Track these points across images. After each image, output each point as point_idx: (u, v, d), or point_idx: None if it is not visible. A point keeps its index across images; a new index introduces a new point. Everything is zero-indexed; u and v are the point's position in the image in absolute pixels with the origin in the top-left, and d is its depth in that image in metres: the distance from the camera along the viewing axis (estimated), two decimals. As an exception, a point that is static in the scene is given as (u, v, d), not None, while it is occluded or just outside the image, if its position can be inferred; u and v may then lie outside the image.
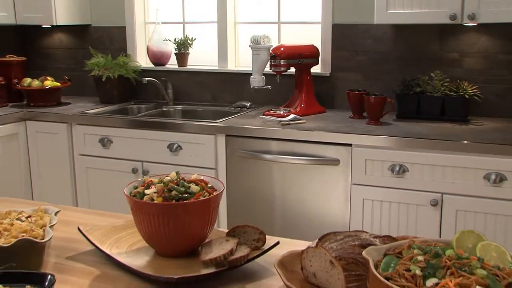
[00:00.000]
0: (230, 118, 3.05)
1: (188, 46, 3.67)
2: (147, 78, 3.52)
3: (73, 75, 3.91)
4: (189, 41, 3.66)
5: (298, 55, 3.05)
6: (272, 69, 3.05)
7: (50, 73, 3.90)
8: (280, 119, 2.90)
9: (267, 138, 2.81)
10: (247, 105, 3.37)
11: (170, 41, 3.70)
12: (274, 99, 3.37)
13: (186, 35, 3.71)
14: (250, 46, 3.05)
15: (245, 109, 3.34)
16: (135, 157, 3.13)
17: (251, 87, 3.13)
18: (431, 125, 2.79)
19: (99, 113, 3.35)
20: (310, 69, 3.15)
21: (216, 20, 3.56)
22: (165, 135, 3.04)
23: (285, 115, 2.95)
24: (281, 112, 3.01)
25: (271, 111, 3.05)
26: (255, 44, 3.01)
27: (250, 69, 3.15)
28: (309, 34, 3.37)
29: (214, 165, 2.93)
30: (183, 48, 3.66)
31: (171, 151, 3.02)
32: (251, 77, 3.10)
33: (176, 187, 1.24)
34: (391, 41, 3.14)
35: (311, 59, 3.13)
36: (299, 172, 2.76)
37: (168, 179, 1.28)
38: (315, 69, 3.23)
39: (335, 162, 2.69)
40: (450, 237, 1.02)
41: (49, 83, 3.60)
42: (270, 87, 3.14)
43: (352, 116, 3.00)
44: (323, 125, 2.82)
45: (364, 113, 2.95)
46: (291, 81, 3.21)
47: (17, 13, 3.71)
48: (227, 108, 3.41)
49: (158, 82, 3.59)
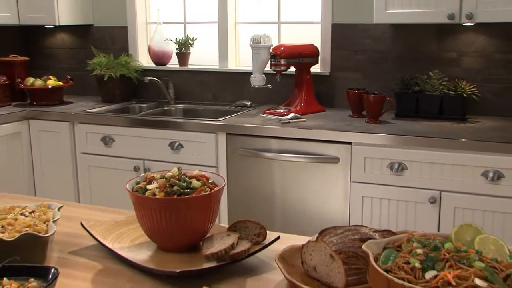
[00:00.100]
0: (230, 117, 3.05)
1: (189, 46, 3.67)
2: (148, 78, 3.52)
3: (75, 74, 3.91)
4: (190, 41, 3.66)
5: (298, 54, 3.05)
6: (272, 68, 3.05)
7: (53, 72, 3.91)
8: (280, 117, 2.90)
9: (268, 136, 2.81)
10: (248, 104, 3.37)
11: (171, 41, 3.70)
12: (274, 98, 3.38)
13: (187, 35, 3.71)
14: (250, 46, 3.05)
15: (246, 108, 3.34)
16: (136, 156, 3.13)
17: (252, 86, 3.14)
18: (429, 123, 2.79)
19: (101, 112, 3.35)
20: (310, 68, 3.15)
21: (217, 20, 3.56)
22: (166, 133, 3.04)
23: (285, 113, 2.95)
24: (281, 111, 3.01)
25: (271, 110, 3.05)
26: (256, 43, 3.01)
27: (250, 69, 3.15)
28: (309, 34, 3.37)
29: (215, 163, 2.94)
30: (184, 48, 3.66)
31: (172, 149, 3.02)
32: (252, 76, 3.10)
33: (177, 182, 1.24)
34: (390, 40, 3.14)
35: (311, 58, 3.13)
36: (299, 170, 2.76)
37: (169, 174, 1.28)
38: (315, 69, 3.23)
39: (334, 160, 2.69)
40: (449, 233, 1.02)
41: (52, 82, 3.60)
42: (270, 86, 3.14)
43: (351, 115, 3.01)
44: (323, 123, 2.83)
45: (363, 111, 2.95)
46: (291, 80, 3.22)
47: (20, 14, 3.71)
48: (227, 107, 3.41)
49: (160, 82, 3.59)
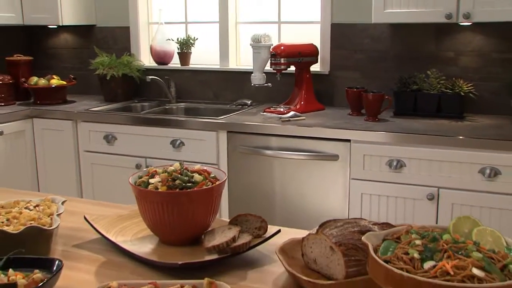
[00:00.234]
0: (231, 115, 3.05)
1: (191, 45, 3.67)
2: (150, 77, 3.52)
3: (78, 74, 3.91)
4: (191, 40, 3.67)
5: (298, 53, 3.05)
6: (273, 67, 3.05)
7: (56, 72, 3.91)
8: (280, 116, 2.90)
9: (268, 134, 2.81)
10: (248, 102, 3.37)
11: (173, 40, 3.70)
12: (274, 97, 3.38)
13: (189, 34, 3.71)
14: (251, 45, 3.05)
15: (246, 106, 3.34)
16: (138, 153, 3.13)
17: (252, 85, 3.13)
18: (427, 121, 2.79)
19: (103, 110, 3.35)
20: (310, 67, 3.15)
21: (217, 20, 3.57)
22: (168, 131, 3.04)
23: (285, 112, 2.96)
24: (281, 109, 3.01)
25: (271, 108, 3.06)
26: (256, 42, 3.01)
27: (251, 68, 3.15)
28: (309, 33, 3.37)
29: (215, 160, 2.94)
30: (185, 48, 3.66)
31: (174, 147, 3.02)
32: (252, 75, 3.10)
33: (179, 176, 1.24)
34: (388, 40, 3.14)
35: (310, 57, 3.13)
36: (299, 167, 2.76)
37: (172, 169, 1.28)
38: (315, 68, 3.23)
39: (334, 157, 2.69)
40: (447, 225, 1.02)
41: (55, 81, 3.60)
42: (270, 85, 3.14)
43: (350, 113, 3.01)
44: (322, 121, 2.83)
45: (362, 110, 2.95)
46: (291, 79, 3.22)
47: (24, 14, 3.71)
48: (228, 106, 3.41)
49: (161, 81, 3.59)
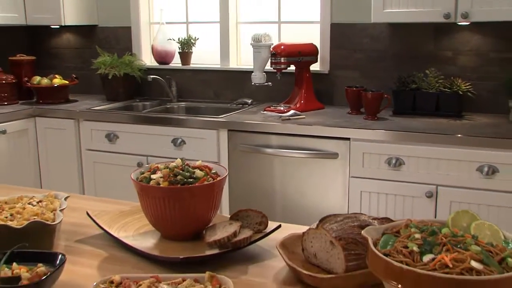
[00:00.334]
0: (232, 114, 3.05)
1: (192, 45, 3.67)
2: (151, 76, 3.53)
3: (80, 73, 3.91)
4: (192, 40, 3.67)
5: (298, 53, 3.05)
6: (273, 66, 3.05)
7: (59, 71, 3.91)
8: (280, 114, 2.91)
9: (268, 132, 2.81)
10: (249, 102, 3.37)
11: (174, 40, 3.70)
12: (275, 97, 3.38)
13: (190, 34, 3.71)
14: (251, 44, 3.05)
15: (247, 105, 3.34)
16: (140, 152, 3.13)
17: (253, 84, 3.13)
18: (426, 120, 2.79)
19: (105, 109, 3.36)
20: (310, 66, 3.15)
21: (218, 20, 3.57)
22: (169, 130, 3.04)
23: (285, 111, 2.96)
24: (282, 108, 3.01)
25: (271, 107, 3.06)
26: (256, 42, 3.01)
27: (251, 67, 3.15)
28: (309, 33, 3.36)
29: (216, 159, 2.94)
30: (186, 47, 3.66)
31: (175, 145, 3.02)
32: (253, 74, 3.10)
33: (181, 172, 1.24)
34: (387, 39, 3.14)
35: (310, 57, 3.13)
36: (299, 165, 2.76)
37: (173, 165, 1.28)
38: (314, 67, 3.23)
39: (333, 155, 2.69)
40: (446, 220, 1.02)
41: (58, 81, 3.60)
42: (270, 84, 3.14)
43: (350, 112, 3.00)
44: (322, 120, 2.83)
45: (361, 109, 2.95)
46: (291, 78, 3.22)
47: (27, 14, 3.71)
48: (229, 105, 3.41)
49: (163, 80, 3.59)
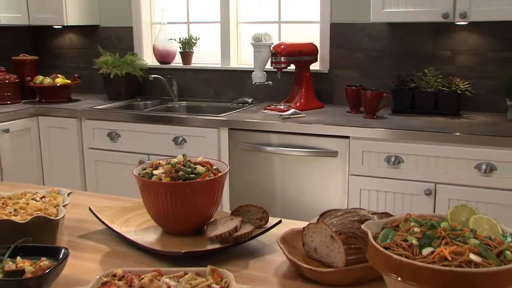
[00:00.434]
0: (232, 113, 3.05)
1: (193, 45, 3.68)
2: (153, 76, 3.53)
3: (82, 73, 3.91)
4: (193, 40, 3.67)
5: (298, 52, 3.05)
6: (273, 66, 3.05)
7: (61, 71, 3.91)
8: (280, 113, 2.91)
9: (268, 131, 2.81)
10: (249, 101, 3.37)
11: (175, 40, 3.70)
12: (275, 96, 3.38)
13: (191, 34, 3.71)
14: (252, 44, 3.05)
15: (247, 104, 3.34)
16: (141, 150, 3.13)
17: (253, 83, 3.13)
18: (425, 118, 2.79)
19: (107, 108, 3.36)
20: (309, 66, 3.15)
21: (219, 20, 3.57)
22: (170, 129, 3.04)
23: (286, 109, 2.96)
24: (282, 107, 3.01)
25: (272, 106, 3.06)
26: (257, 41, 3.01)
27: (251, 67, 3.15)
28: (308, 33, 3.37)
29: (217, 157, 2.93)
30: (187, 47, 3.67)
31: (176, 144, 3.02)
32: (253, 73, 3.09)
33: (183, 167, 1.24)
34: (386, 39, 3.15)
35: (310, 56, 3.13)
36: (299, 163, 2.77)
37: (175, 161, 1.29)
38: (314, 66, 3.23)
39: (333, 154, 2.69)
40: (445, 214, 1.02)
41: (60, 80, 3.61)
42: (271, 83, 3.14)
43: (349, 111, 3.01)
44: (322, 118, 2.83)
45: (361, 107, 2.95)
46: (291, 77, 3.22)
47: (30, 15, 3.71)
48: (229, 104, 3.41)
49: (164, 79, 3.60)
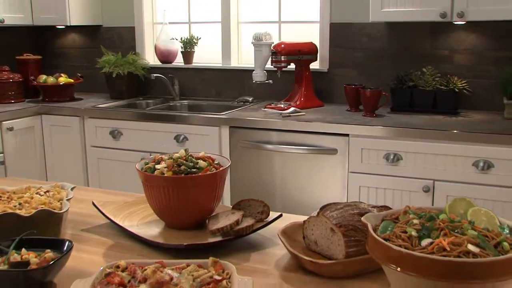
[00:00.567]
0: (233, 111, 3.06)
1: (194, 44, 3.68)
2: (155, 75, 3.53)
3: (85, 72, 3.92)
4: (194, 40, 3.67)
5: (298, 51, 3.05)
6: (273, 65, 3.05)
7: (64, 70, 3.92)
8: (280, 111, 2.91)
9: (269, 129, 2.81)
10: (250, 99, 3.37)
11: (176, 40, 3.70)
12: (275, 95, 3.37)
13: (192, 34, 3.72)
14: (252, 43, 3.05)
15: (248, 103, 3.34)
16: (143, 148, 3.13)
17: (254, 81, 3.13)
18: (423, 117, 2.79)
19: (109, 107, 3.36)
20: (309, 65, 3.15)
21: (220, 20, 3.57)
22: (172, 127, 3.04)
23: (286, 108, 2.96)
24: (282, 106, 3.01)
25: (272, 105, 3.06)
26: (257, 41, 3.01)
27: (252, 66, 3.15)
28: (308, 33, 3.36)
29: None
30: (189, 47, 3.67)
31: (177, 142, 3.02)
32: (254, 72, 3.09)
33: (185, 162, 1.24)
34: (385, 38, 3.15)
35: (310, 55, 3.13)
36: (299, 161, 2.77)
37: (177, 155, 1.29)
38: (314, 65, 3.23)
39: (333, 151, 2.69)
40: (443, 207, 1.02)
41: (63, 79, 3.61)
42: (271, 81, 3.14)
43: (349, 109, 3.01)
44: (321, 117, 2.83)
45: (360, 106, 2.95)
46: (291, 76, 3.22)
47: (34, 15, 3.71)
48: (230, 103, 3.41)
49: (165, 79, 3.60)
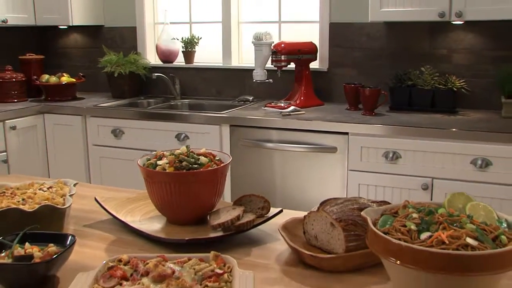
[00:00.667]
0: (234, 110, 3.06)
1: (195, 44, 3.68)
2: (156, 74, 3.53)
3: (87, 72, 3.92)
4: (195, 39, 3.67)
5: (297, 51, 3.05)
6: (274, 64, 3.05)
7: (66, 70, 3.91)
8: (281, 110, 2.91)
9: (269, 128, 2.81)
10: (250, 99, 3.37)
11: (177, 40, 3.70)
12: (275, 94, 3.37)
13: (193, 34, 3.72)
14: (252, 42, 3.04)
15: (248, 102, 3.34)
16: (145, 147, 3.13)
17: (254, 80, 3.12)
18: (422, 115, 2.79)
19: (111, 106, 3.36)
20: (309, 64, 3.15)
21: (220, 20, 3.57)
22: (173, 125, 3.04)
23: (286, 107, 2.96)
24: (282, 105, 3.01)
25: (272, 104, 3.06)
26: (258, 40, 3.01)
27: (252, 66, 3.15)
28: (308, 32, 3.37)
29: (219, 153, 2.93)
30: (189, 46, 3.67)
31: (179, 140, 3.02)
32: (254, 71, 3.09)
33: (186, 158, 1.25)
34: (384, 38, 3.15)
35: (310, 55, 3.13)
36: (299, 159, 2.77)
37: (179, 152, 1.29)
38: (314, 65, 3.23)
39: (332, 149, 2.69)
40: (442, 202, 1.02)
41: (65, 79, 3.61)
42: (271, 81, 3.14)
43: (348, 108, 3.01)
44: (321, 115, 2.83)
45: (359, 105, 2.95)
46: (291, 76, 3.22)
47: (36, 15, 3.71)
48: (231, 102, 3.41)
49: (167, 78, 3.60)
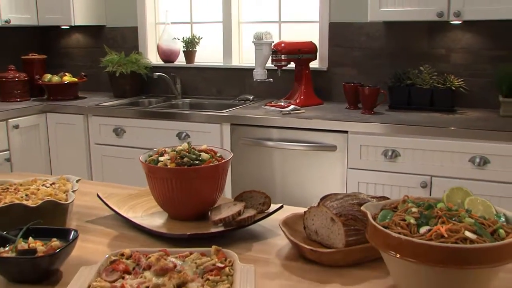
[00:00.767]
0: (234, 109, 3.06)
1: (196, 44, 3.68)
2: (157, 74, 3.53)
3: (89, 72, 3.92)
4: (196, 39, 3.67)
5: (297, 50, 3.05)
6: (274, 63, 3.05)
7: (68, 70, 3.91)
8: (281, 109, 2.91)
9: (269, 126, 2.81)
10: (250, 98, 3.38)
11: (178, 39, 3.71)
12: (275, 93, 3.37)
13: (194, 34, 3.72)
14: (253, 42, 3.05)
15: (249, 101, 3.34)
16: (146, 146, 3.13)
17: (254, 80, 3.13)
18: (421, 114, 2.79)
19: (113, 105, 3.36)
20: (309, 64, 3.15)
21: (221, 20, 3.57)
22: (174, 124, 3.04)
23: (286, 106, 2.96)
24: (282, 104, 3.01)
25: (272, 103, 3.06)
26: (258, 40, 3.01)
27: (253, 65, 3.15)
28: (308, 32, 3.37)
29: (220, 152, 2.93)
30: (190, 46, 3.67)
31: (179, 139, 3.03)
32: (254, 71, 3.09)
33: (188, 154, 1.25)
34: (383, 38, 3.15)
35: (309, 54, 3.13)
36: (299, 157, 2.77)
37: (180, 148, 1.29)
38: (314, 64, 3.23)
39: (332, 148, 2.69)
40: (441, 197, 1.03)
41: (68, 78, 3.61)
42: (271, 80, 3.14)
43: (348, 107, 3.01)
44: (321, 114, 2.83)
45: (359, 104, 2.95)
46: (291, 75, 3.22)
47: (39, 15, 3.71)
48: (231, 101, 3.41)
49: (168, 77, 3.60)
